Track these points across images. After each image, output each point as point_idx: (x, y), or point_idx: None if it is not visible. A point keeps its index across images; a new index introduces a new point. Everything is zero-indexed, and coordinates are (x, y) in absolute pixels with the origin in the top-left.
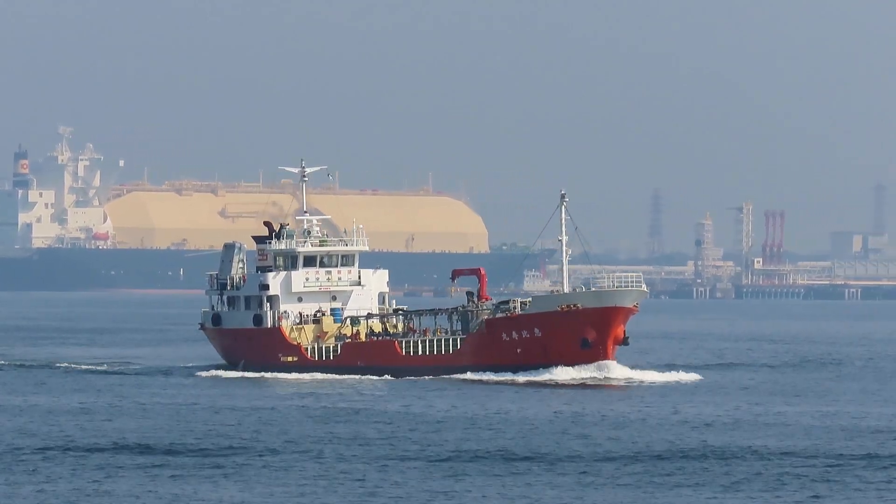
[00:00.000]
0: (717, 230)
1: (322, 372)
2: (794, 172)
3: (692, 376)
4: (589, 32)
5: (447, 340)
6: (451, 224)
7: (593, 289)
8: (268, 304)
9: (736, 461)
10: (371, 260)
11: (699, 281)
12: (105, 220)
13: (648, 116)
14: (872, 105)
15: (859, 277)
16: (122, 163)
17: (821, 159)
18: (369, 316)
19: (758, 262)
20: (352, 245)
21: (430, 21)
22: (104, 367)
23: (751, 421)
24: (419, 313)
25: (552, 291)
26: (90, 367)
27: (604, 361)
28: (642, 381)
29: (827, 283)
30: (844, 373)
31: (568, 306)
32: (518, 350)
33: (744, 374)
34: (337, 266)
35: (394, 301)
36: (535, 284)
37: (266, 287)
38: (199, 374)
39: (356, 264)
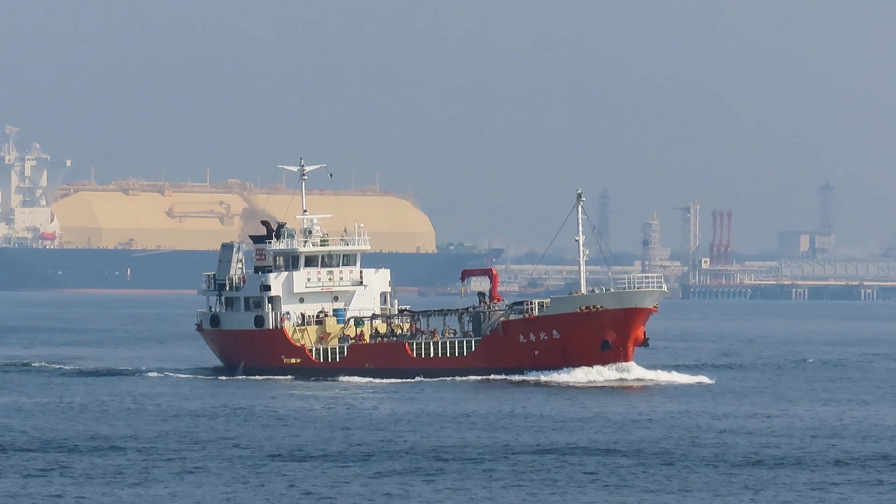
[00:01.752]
0: (664, 230)
1: (327, 375)
2: (742, 172)
3: (704, 378)
4: (532, 33)
5: (460, 342)
6: (399, 224)
7: (612, 290)
8: (269, 305)
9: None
10: None
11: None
12: (52, 220)
13: (595, 116)
14: (820, 105)
15: (806, 277)
16: (68, 162)
17: (768, 159)
18: (374, 317)
19: (705, 261)
20: (353, 244)
21: (374, 23)
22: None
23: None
24: (427, 314)
25: (571, 293)
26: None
27: (624, 363)
28: (660, 382)
29: (774, 283)
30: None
31: (588, 307)
32: (536, 352)
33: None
34: (339, 266)
35: (396, 301)
36: (481, 285)
37: (268, 288)
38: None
39: (358, 264)
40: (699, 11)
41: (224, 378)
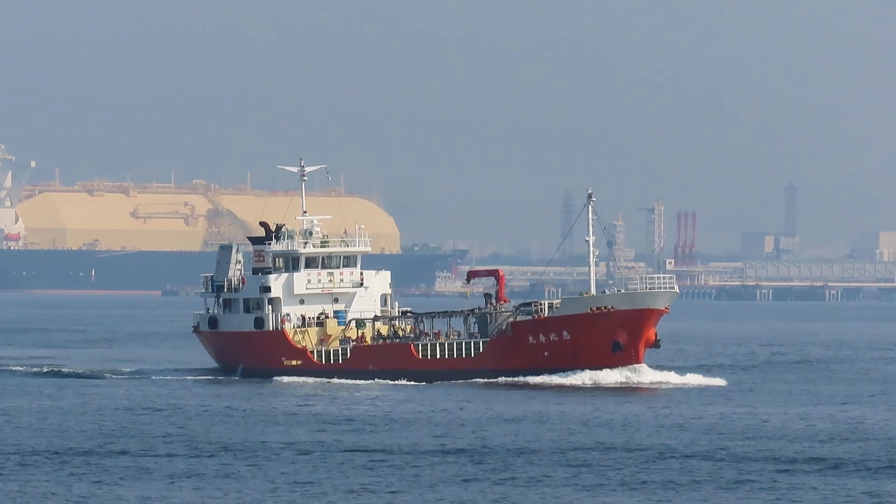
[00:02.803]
0: (628, 231)
1: (329, 376)
2: (706, 173)
3: (718, 380)
4: (496, 34)
5: (467, 343)
6: (363, 225)
7: (623, 290)
8: (269, 307)
9: None
10: None
11: (611, 282)
12: (17, 221)
13: (561, 117)
14: (784, 106)
15: (771, 278)
16: (33, 163)
17: (733, 160)
18: (376, 318)
19: (670, 262)
20: (353, 246)
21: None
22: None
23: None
24: (430, 315)
25: (581, 293)
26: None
27: (635, 365)
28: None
29: (738, 283)
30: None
31: (599, 308)
32: (545, 353)
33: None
34: (339, 267)
35: (397, 304)
36: (446, 285)
37: (268, 289)
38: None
39: (358, 265)
40: (665, 15)
41: (223, 378)
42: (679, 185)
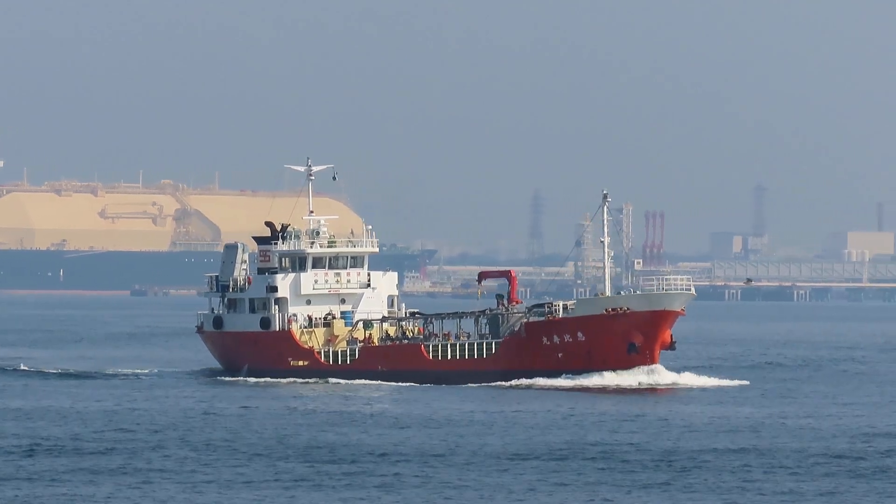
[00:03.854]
0: (596, 231)
1: (337, 377)
2: (675, 173)
3: (736, 382)
4: (462, 31)
5: (479, 344)
6: (332, 224)
7: (638, 292)
8: (276, 307)
9: None
10: None
11: (579, 282)
12: None
13: (529, 116)
14: (752, 105)
15: (739, 278)
16: (1, 163)
17: (701, 160)
18: (384, 319)
19: (638, 262)
20: (361, 246)
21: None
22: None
23: None
24: (440, 316)
25: (597, 294)
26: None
27: (652, 366)
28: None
29: (707, 283)
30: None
31: (614, 309)
32: (560, 355)
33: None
34: (346, 268)
35: (404, 304)
36: (415, 285)
37: (274, 289)
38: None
39: (366, 266)
40: (633, 13)
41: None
42: (648, 184)
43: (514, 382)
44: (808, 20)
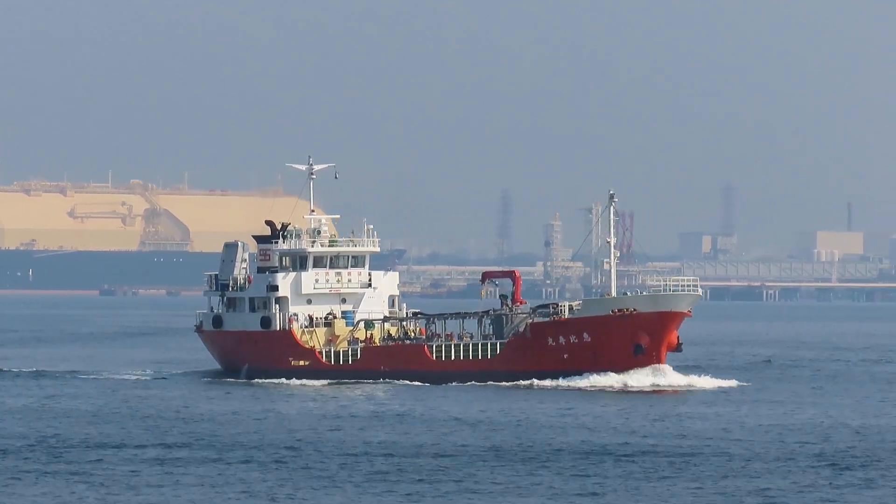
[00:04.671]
0: (565, 231)
1: (339, 377)
2: (644, 173)
3: (734, 382)
4: (431, 29)
5: (483, 345)
6: (300, 224)
7: (644, 293)
8: (276, 306)
9: None
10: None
11: (548, 282)
12: None
13: (497, 115)
14: (721, 105)
15: (708, 278)
16: None
17: (670, 160)
18: (386, 319)
19: (606, 262)
20: (362, 246)
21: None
22: None
23: None
24: (443, 316)
25: (604, 295)
26: None
27: (658, 365)
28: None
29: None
30: None
31: (621, 310)
32: (565, 356)
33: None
34: (347, 267)
35: (405, 305)
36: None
37: (275, 288)
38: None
39: (367, 266)
40: (604, 17)
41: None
42: (617, 185)
43: (537, 383)
44: (777, 21)
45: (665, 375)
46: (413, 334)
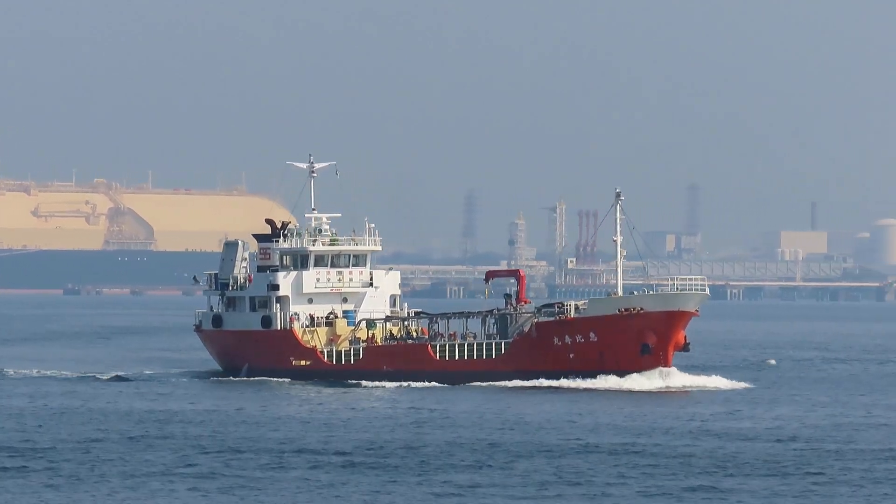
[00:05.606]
0: (530, 230)
1: (341, 377)
2: (608, 172)
3: (743, 384)
4: (397, 29)
5: (488, 345)
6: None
7: (651, 292)
8: (277, 305)
9: None
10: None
11: (512, 281)
12: None
13: (462, 114)
14: (685, 104)
15: (672, 277)
16: None
17: (634, 159)
18: (388, 318)
19: (571, 261)
20: (363, 245)
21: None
22: None
23: None
24: (446, 316)
25: (610, 294)
26: None
27: (665, 368)
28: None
29: (640, 282)
30: None
31: (628, 310)
32: (571, 355)
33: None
34: (348, 266)
35: (406, 304)
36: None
37: (276, 287)
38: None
39: (368, 265)
40: (567, 21)
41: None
42: (581, 183)
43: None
44: (741, 20)
45: (672, 377)
46: (415, 334)
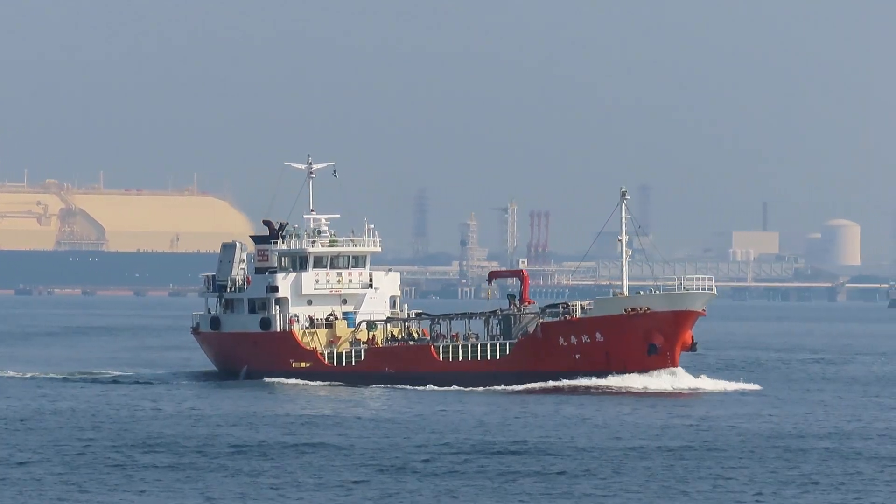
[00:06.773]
0: (481, 230)
1: (341, 380)
2: (559, 172)
3: (752, 385)
4: (344, 30)
5: (492, 345)
6: (216, 224)
7: (658, 292)
8: (276, 307)
9: None
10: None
11: (464, 281)
12: None
13: (413, 114)
14: (636, 104)
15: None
16: None
17: (585, 159)
18: (389, 320)
19: (522, 262)
20: (363, 246)
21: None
22: None
23: None
24: (448, 317)
25: (615, 294)
26: None
27: (672, 368)
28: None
29: (592, 283)
30: None
31: (634, 309)
32: (577, 356)
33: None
34: (347, 267)
35: (406, 305)
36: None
37: (275, 289)
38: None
39: (367, 266)
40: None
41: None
42: (532, 184)
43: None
44: (690, 21)
45: (679, 377)
46: (417, 335)
